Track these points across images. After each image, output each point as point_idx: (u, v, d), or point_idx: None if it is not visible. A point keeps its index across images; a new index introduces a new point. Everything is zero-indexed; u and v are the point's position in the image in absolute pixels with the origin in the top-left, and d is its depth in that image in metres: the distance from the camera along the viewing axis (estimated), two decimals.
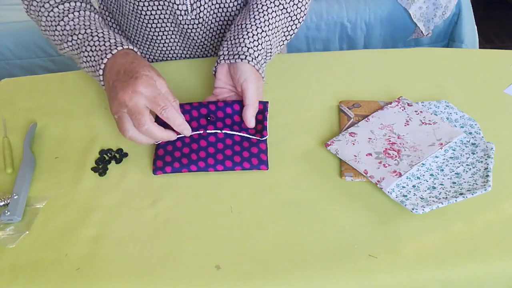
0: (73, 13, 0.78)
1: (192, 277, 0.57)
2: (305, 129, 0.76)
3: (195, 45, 0.94)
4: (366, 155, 0.69)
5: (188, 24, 0.89)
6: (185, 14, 0.87)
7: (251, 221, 0.63)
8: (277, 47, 0.83)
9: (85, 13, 0.79)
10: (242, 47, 0.74)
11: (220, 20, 0.91)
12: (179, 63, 0.93)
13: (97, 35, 0.74)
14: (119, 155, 0.72)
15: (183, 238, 0.61)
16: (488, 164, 0.66)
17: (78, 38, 0.75)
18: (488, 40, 2.64)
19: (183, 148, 0.71)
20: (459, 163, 0.68)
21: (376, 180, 0.65)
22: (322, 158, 0.71)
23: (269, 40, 0.78)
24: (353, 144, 0.71)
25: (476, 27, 1.98)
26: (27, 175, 0.69)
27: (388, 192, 0.64)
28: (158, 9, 0.86)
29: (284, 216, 0.64)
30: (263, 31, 0.77)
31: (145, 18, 0.89)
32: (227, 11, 0.90)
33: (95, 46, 0.73)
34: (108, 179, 0.70)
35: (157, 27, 0.91)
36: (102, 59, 0.71)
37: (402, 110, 0.77)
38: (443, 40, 2.02)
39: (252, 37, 0.75)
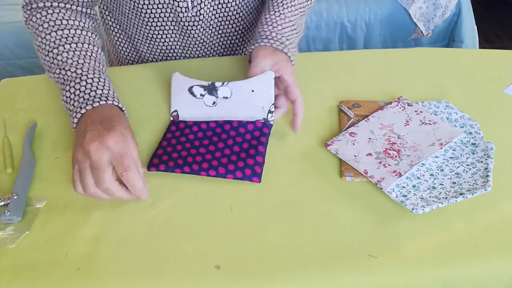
0: (70, 44, 0.72)
1: (192, 277, 0.57)
2: (305, 129, 0.76)
3: (195, 43, 0.94)
4: (366, 155, 0.69)
5: (188, 22, 0.89)
6: (185, 11, 0.87)
7: (251, 221, 0.63)
8: (300, 26, 0.87)
9: (82, 47, 0.73)
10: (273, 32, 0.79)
11: (220, 17, 0.91)
12: (178, 63, 0.93)
13: (85, 80, 0.69)
14: None
15: (183, 238, 0.61)
16: (488, 164, 0.66)
17: (66, 74, 0.70)
18: (488, 40, 2.64)
19: (182, 151, 0.71)
20: (459, 163, 0.68)
21: (376, 180, 0.65)
22: (322, 158, 0.71)
23: (294, 21, 0.83)
24: (353, 144, 0.71)
25: (476, 27, 1.98)
26: (27, 175, 0.69)
27: (388, 192, 0.64)
28: (158, 7, 0.87)
29: (284, 216, 0.64)
30: (286, 17, 0.82)
31: (145, 16, 0.89)
32: (227, 8, 0.90)
33: (80, 92, 0.68)
34: None
35: (157, 25, 0.91)
36: (81, 108, 0.66)
37: (402, 110, 0.77)
38: (443, 40, 2.02)
39: (277, 21, 0.81)
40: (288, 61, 0.77)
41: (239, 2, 0.90)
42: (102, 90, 0.69)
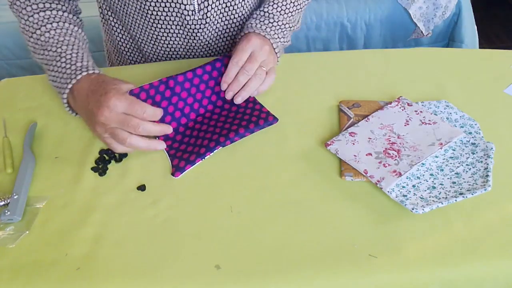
0: (51, 23, 0.77)
1: (192, 277, 0.57)
2: (305, 129, 0.76)
3: (200, 45, 0.94)
4: (366, 155, 0.69)
5: (195, 25, 0.89)
6: (192, 14, 0.87)
7: (251, 221, 0.63)
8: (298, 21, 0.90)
9: (63, 25, 0.78)
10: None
11: (226, 19, 0.91)
12: (181, 63, 0.93)
13: (65, 57, 0.74)
14: (119, 155, 0.72)
15: (183, 238, 0.61)
16: (488, 164, 0.66)
17: (48, 54, 0.75)
18: (488, 40, 2.64)
19: (184, 138, 0.72)
20: (459, 163, 0.68)
21: (376, 180, 0.65)
22: (322, 158, 0.71)
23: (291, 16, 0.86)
24: (353, 144, 0.71)
25: (476, 27, 1.98)
26: (27, 175, 0.69)
27: (388, 192, 0.64)
28: (164, 10, 0.86)
29: (284, 216, 0.64)
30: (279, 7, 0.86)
31: (150, 18, 0.89)
32: (234, 10, 0.90)
33: (61, 68, 0.73)
34: (108, 179, 0.70)
35: (162, 27, 0.90)
36: (67, 83, 0.71)
37: (402, 110, 0.77)
38: (443, 40, 2.01)
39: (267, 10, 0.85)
40: (250, 32, 0.80)
41: (246, 5, 0.90)
42: (81, 62, 0.73)
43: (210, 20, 0.89)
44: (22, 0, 0.79)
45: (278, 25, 0.86)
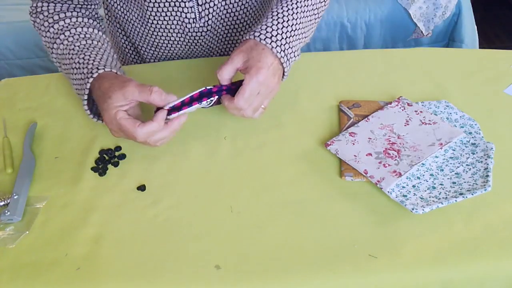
0: (64, 33, 0.76)
1: (192, 277, 0.57)
2: (305, 129, 0.76)
3: (202, 50, 0.94)
4: (366, 155, 0.69)
5: (196, 32, 0.89)
6: (193, 22, 0.86)
7: (251, 221, 0.63)
8: (310, 34, 0.80)
9: (75, 31, 0.76)
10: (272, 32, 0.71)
11: (227, 25, 0.90)
12: (179, 63, 0.93)
13: (75, 66, 0.72)
14: (117, 158, 0.72)
15: (183, 238, 0.61)
16: (488, 164, 0.66)
17: (66, 68, 0.75)
18: (488, 40, 2.64)
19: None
20: (459, 163, 0.68)
21: (376, 180, 0.65)
22: (322, 158, 0.71)
23: (297, 18, 0.74)
24: (353, 144, 0.71)
25: (476, 27, 1.98)
26: (27, 175, 0.69)
27: (388, 192, 0.64)
28: (165, 19, 0.86)
29: (284, 216, 0.64)
30: (291, 13, 0.73)
31: (151, 26, 0.88)
32: (235, 16, 0.89)
33: (77, 80, 0.72)
34: (108, 179, 0.70)
35: (163, 35, 0.90)
36: (83, 92, 0.69)
37: (402, 110, 0.77)
38: (443, 40, 2.01)
39: (277, 19, 0.72)
40: (259, 61, 0.69)
41: (247, 10, 0.89)
42: (93, 63, 0.70)
43: (211, 27, 0.88)
44: (41, 17, 0.79)
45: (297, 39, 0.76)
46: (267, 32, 0.71)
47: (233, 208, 0.65)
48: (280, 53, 0.71)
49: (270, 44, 0.70)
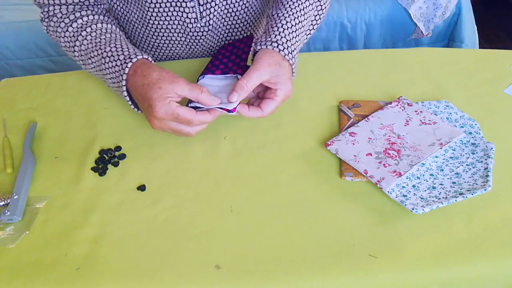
0: (85, 29, 0.77)
1: (192, 277, 0.57)
2: (305, 129, 0.76)
3: (203, 50, 0.94)
4: (366, 155, 0.69)
5: (197, 32, 0.89)
6: (194, 22, 0.86)
7: (251, 221, 0.63)
8: (305, 38, 0.84)
9: (96, 27, 0.77)
10: (281, 37, 0.74)
11: (228, 24, 0.90)
12: (180, 63, 0.93)
13: (107, 55, 0.73)
14: (117, 158, 0.72)
15: (183, 238, 0.61)
16: (488, 164, 0.66)
17: (95, 60, 0.75)
18: (488, 40, 2.64)
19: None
20: (459, 163, 0.68)
21: (376, 180, 0.65)
22: (322, 158, 0.71)
23: (303, 30, 0.79)
24: (353, 144, 0.71)
25: (476, 27, 1.98)
26: (27, 175, 0.69)
27: (388, 192, 0.64)
28: (166, 19, 0.86)
29: (284, 216, 0.64)
30: (299, 21, 0.78)
31: (152, 27, 0.88)
32: (236, 15, 0.89)
33: (110, 68, 0.72)
34: (107, 179, 0.70)
35: (164, 35, 0.90)
36: (120, 81, 0.71)
37: (402, 110, 0.77)
38: (443, 40, 2.01)
39: (291, 27, 0.76)
40: (289, 78, 0.73)
41: (248, 9, 0.89)
42: (128, 50, 0.72)
43: (212, 27, 0.88)
44: (55, 20, 0.79)
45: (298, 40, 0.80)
46: (288, 46, 0.74)
47: (233, 208, 0.65)
48: (291, 59, 0.75)
49: (290, 60, 0.74)
